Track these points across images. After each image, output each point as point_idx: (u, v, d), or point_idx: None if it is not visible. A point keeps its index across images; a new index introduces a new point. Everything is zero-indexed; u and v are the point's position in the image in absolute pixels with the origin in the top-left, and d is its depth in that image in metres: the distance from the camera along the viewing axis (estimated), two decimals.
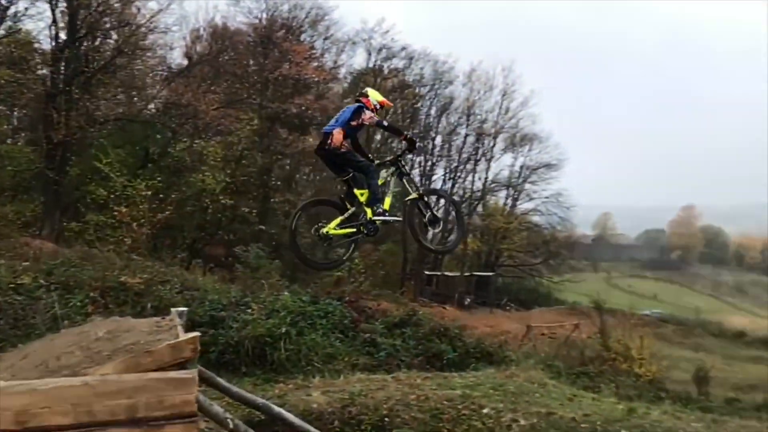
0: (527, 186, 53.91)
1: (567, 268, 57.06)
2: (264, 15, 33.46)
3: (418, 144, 5.88)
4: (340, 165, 5.91)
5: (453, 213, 6.73)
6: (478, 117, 49.88)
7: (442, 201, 12.73)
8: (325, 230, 5.80)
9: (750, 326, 52.85)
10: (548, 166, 52.47)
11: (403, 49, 43.90)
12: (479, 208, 52.74)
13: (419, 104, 47.72)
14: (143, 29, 24.98)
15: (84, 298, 11.43)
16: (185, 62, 31.19)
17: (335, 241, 5.93)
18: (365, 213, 5.84)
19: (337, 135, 5.67)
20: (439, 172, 50.22)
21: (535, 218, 55.28)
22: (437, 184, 49.85)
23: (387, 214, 5.88)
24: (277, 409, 6.71)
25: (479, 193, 52.10)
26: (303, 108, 30.56)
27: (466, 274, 49.36)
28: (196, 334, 4.54)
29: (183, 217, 24.52)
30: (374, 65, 43.31)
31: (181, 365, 4.30)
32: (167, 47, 29.30)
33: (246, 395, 6.81)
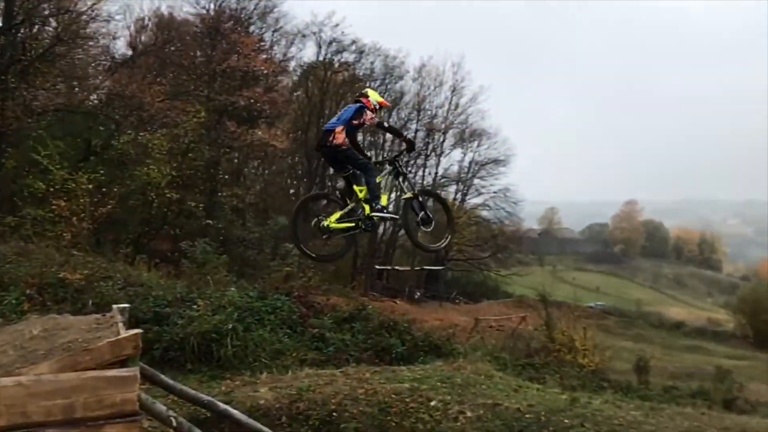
0: (476, 181, 54.77)
1: (514, 262, 58.29)
2: (211, 5, 32.93)
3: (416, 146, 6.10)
4: (340, 162, 6.04)
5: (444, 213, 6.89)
6: (429, 112, 50.35)
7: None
8: (325, 223, 5.95)
9: (688, 317, 55.25)
10: (496, 161, 53.39)
11: (354, 42, 43.87)
12: (429, 203, 53.15)
13: None
14: (84, 17, 24.06)
15: (20, 296, 10.98)
16: (129, 52, 30.37)
17: (335, 234, 6.08)
18: (363, 209, 6.02)
19: (340, 133, 5.83)
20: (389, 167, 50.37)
21: (484, 213, 56.22)
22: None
23: (385, 210, 6.08)
24: (222, 405, 6.60)
25: (429, 188, 52.55)
26: (251, 101, 30.25)
27: (417, 268, 49.76)
28: (138, 330, 4.43)
29: (127, 212, 23.87)
30: (324, 58, 43.15)
31: (123, 363, 4.19)
32: (110, 36, 28.32)
33: (190, 392, 6.67)
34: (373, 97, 6.24)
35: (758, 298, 43.16)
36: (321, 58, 43.10)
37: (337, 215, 6.00)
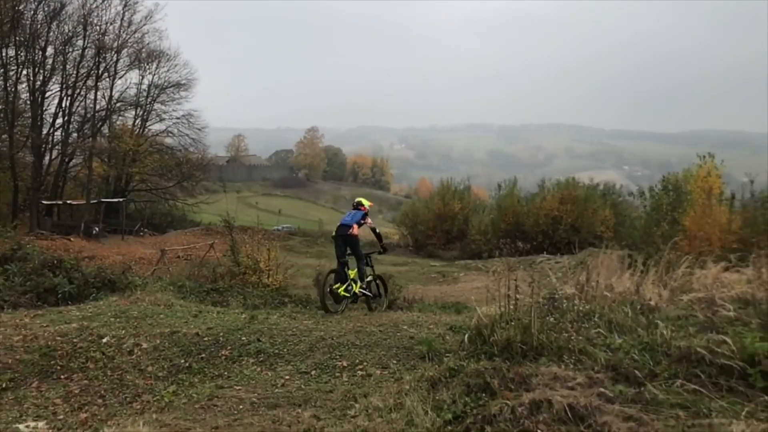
0: (157, 106, 51.76)
1: (201, 190, 57.29)
2: None
3: (387, 251, 11.37)
4: (346, 247, 9.56)
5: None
6: (98, 28, 45.26)
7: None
8: (336, 288, 9.47)
9: (362, 232, 61.42)
10: (178, 85, 51.03)
11: None
12: (105, 129, 48.74)
13: (22, 7, 40.91)
14: None
15: None
16: None
17: (340, 298, 9.70)
18: (353, 286, 9.60)
19: (356, 229, 9.36)
20: (54, 88, 44.38)
21: (167, 140, 53.79)
22: (53, 102, 44.66)
23: (367, 289, 9.93)
24: None
25: (104, 113, 48.02)
26: None
27: (94, 201, 45.73)
28: None
29: None
30: None
31: None
32: None
33: None
34: (366, 203, 10.11)
35: (416, 212, 49.86)
36: None
37: (343, 287, 9.52)
